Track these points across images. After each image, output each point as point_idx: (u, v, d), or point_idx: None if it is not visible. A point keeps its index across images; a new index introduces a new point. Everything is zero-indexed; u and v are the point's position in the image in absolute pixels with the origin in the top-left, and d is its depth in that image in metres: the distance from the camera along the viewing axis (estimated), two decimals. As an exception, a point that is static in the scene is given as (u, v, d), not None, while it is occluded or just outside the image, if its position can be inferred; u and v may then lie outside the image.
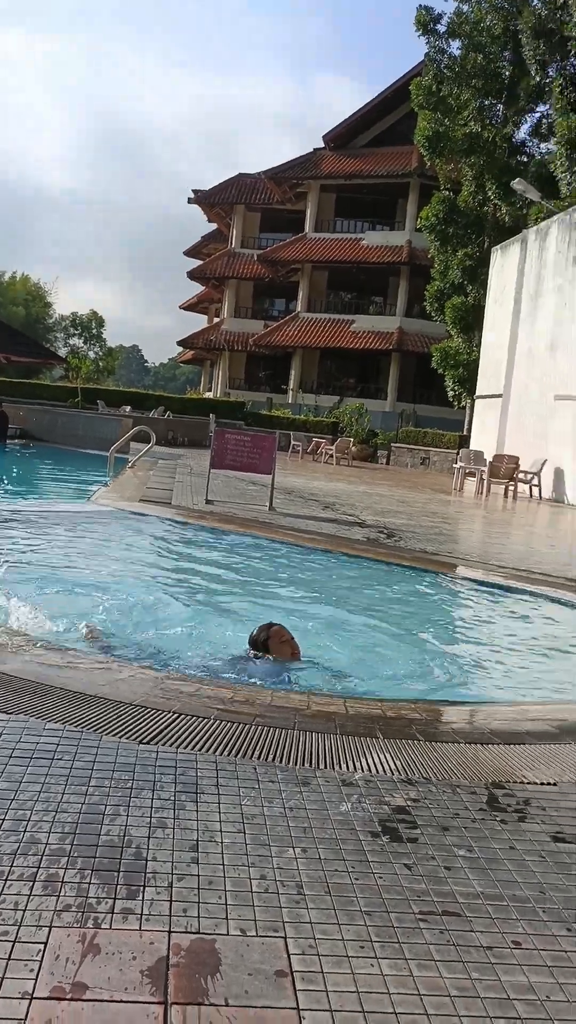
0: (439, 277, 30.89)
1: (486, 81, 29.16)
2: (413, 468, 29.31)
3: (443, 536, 11.17)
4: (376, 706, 3.97)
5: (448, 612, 7.59)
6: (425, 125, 29.66)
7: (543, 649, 6.25)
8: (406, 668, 5.49)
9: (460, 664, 5.79)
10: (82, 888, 2.14)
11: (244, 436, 12.76)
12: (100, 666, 4.01)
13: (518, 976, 1.99)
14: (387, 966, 1.97)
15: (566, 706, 4.44)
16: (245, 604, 6.74)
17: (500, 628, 6.93)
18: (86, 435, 20.99)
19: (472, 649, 6.19)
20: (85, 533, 8.91)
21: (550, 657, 6.08)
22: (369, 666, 5.40)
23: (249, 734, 3.28)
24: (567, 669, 5.80)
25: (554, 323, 20.56)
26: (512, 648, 6.27)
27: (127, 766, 2.86)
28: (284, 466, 20.46)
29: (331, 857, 2.43)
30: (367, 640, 6.02)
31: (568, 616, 7.07)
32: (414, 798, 2.89)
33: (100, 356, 62.04)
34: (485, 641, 6.49)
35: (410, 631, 6.41)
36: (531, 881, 2.43)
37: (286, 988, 1.85)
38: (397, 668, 5.45)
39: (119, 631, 5.46)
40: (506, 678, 5.54)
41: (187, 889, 2.19)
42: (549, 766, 3.34)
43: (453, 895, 2.30)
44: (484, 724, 3.87)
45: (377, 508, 13.65)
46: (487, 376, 25.15)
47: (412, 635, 6.32)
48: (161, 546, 8.87)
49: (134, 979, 1.82)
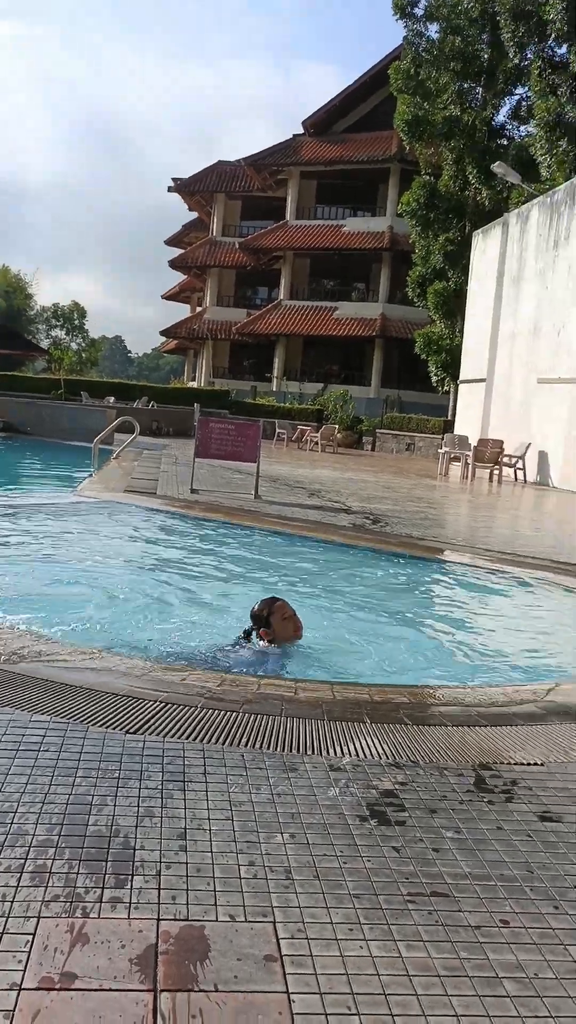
0: (421, 262, 30.85)
1: (464, 64, 29.04)
2: (398, 454, 29.34)
3: (429, 521, 11.19)
4: (363, 691, 3.97)
5: (434, 596, 7.61)
6: (404, 109, 29.56)
7: (529, 631, 6.28)
8: (392, 653, 5.51)
9: (447, 647, 5.81)
10: (70, 878, 2.13)
11: (228, 425, 12.71)
12: (86, 657, 3.99)
13: (506, 954, 2.00)
14: (376, 948, 1.98)
15: (553, 686, 4.46)
16: (231, 592, 6.73)
17: (487, 611, 6.95)
18: (70, 427, 20.86)
19: (459, 632, 6.21)
20: (70, 525, 8.88)
21: (536, 639, 6.11)
22: (355, 651, 5.41)
23: (236, 721, 3.28)
24: (553, 650, 5.82)
25: (536, 306, 20.58)
26: (498, 630, 6.30)
27: (114, 756, 2.86)
28: (269, 454, 20.46)
29: (319, 842, 2.44)
30: (352, 626, 6.03)
31: (554, 598, 7.10)
32: (402, 781, 2.90)
33: (83, 347, 61.79)
34: (472, 624, 6.51)
35: (396, 615, 6.43)
36: (518, 860, 2.44)
37: (275, 972, 1.86)
38: (383, 653, 5.46)
39: (104, 622, 5.45)
40: (493, 660, 5.56)
41: (175, 877, 2.19)
42: (536, 746, 3.36)
43: (441, 876, 2.31)
44: (471, 706, 3.88)
45: (363, 494, 13.66)
46: (470, 361, 25.17)
47: (398, 619, 6.33)
48: (147, 536, 8.85)
49: (123, 967, 1.83)
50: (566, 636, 6.21)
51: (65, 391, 29.24)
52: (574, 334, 18.46)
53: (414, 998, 1.82)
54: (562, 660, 5.53)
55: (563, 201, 19.61)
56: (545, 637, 6.18)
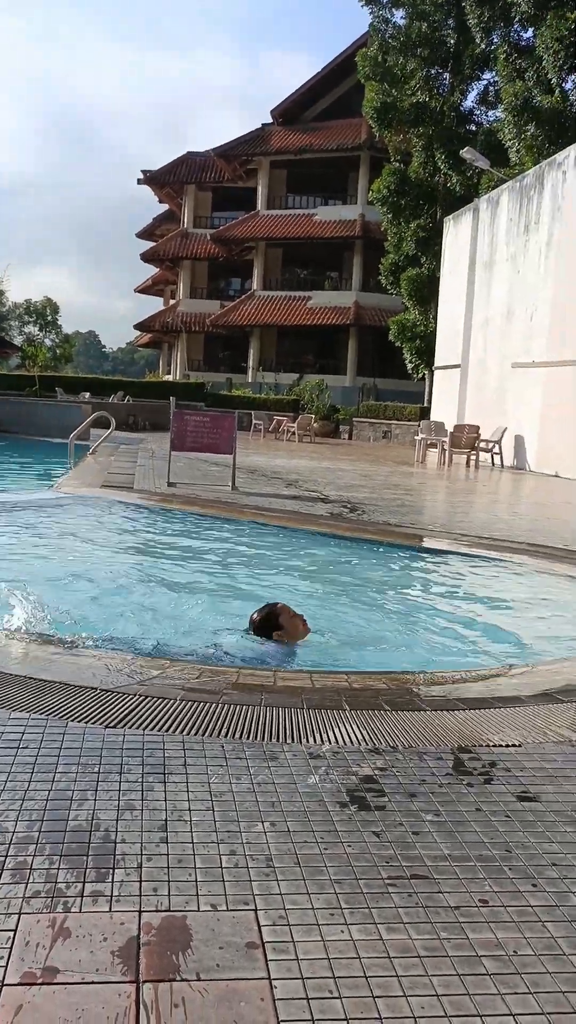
0: (393, 250, 30.86)
1: (431, 50, 29.04)
2: (375, 442, 29.38)
3: (406, 508, 11.23)
4: (342, 679, 3.99)
5: (412, 582, 7.64)
6: (372, 96, 29.51)
7: (507, 614, 6.32)
8: (371, 640, 5.53)
9: (425, 633, 5.84)
10: (51, 873, 2.14)
11: (204, 417, 12.70)
12: (64, 652, 3.99)
13: (485, 933, 2.02)
14: (357, 931, 1.99)
15: (530, 668, 4.50)
16: (208, 585, 6.74)
17: (464, 596, 6.99)
18: (46, 423, 20.76)
19: (437, 617, 6.24)
20: (47, 521, 8.84)
21: (512, 621, 6.15)
22: (335, 640, 5.43)
23: (216, 712, 3.29)
24: (530, 632, 5.87)
25: (509, 291, 20.65)
26: (476, 614, 6.33)
27: (94, 751, 2.86)
28: (246, 445, 20.43)
29: (300, 829, 2.45)
30: (333, 614, 6.05)
31: (531, 580, 7.15)
32: (381, 767, 2.92)
33: (56, 343, 61.34)
34: (450, 609, 6.54)
35: (374, 603, 6.45)
36: (497, 841, 2.47)
37: (257, 959, 1.87)
38: (364, 640, 5.49)
39: (82, 617, 5.44)
40: (471, 644, 5.60)
41: (157, 868, 2.20)
42: (514, 728, 3.39)
43: (421, 859, 2.34)
44: (449, 691, 3.91)
45: (340, 483, 13.69)
46: (445, 347, 25.23)
47: (376, 606, 6.36)
48: (124, 531, 8.83)
49: (105, 960, 1.83)
50: (542, 619, 6.26)
51: (40, 388, 29.07)
52: (547, 318, 18.55)
53: (395, 979, 1.84)
54: (539, 642, 5.57)
55: (532, 185, 19.67)
56: (523, 619, 6.22)
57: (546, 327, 18.55)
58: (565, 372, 17.58)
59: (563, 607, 6.42)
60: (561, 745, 3.23)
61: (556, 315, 18.14)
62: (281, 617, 4.99)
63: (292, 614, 5.03)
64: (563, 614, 6.24)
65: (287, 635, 4.96)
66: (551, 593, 6.84)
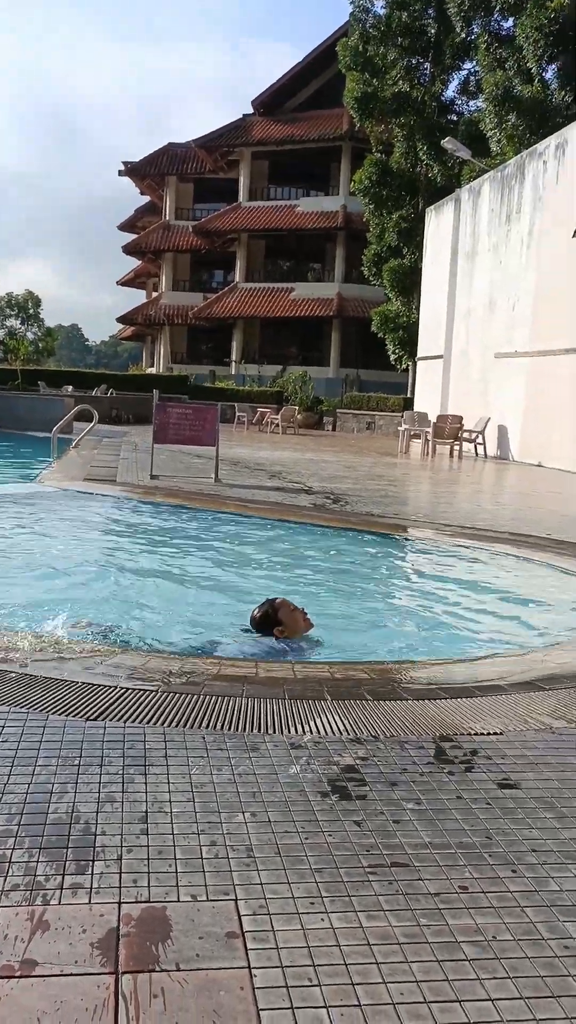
0: (375, 241, 30.83)
1: (412, 39, 28.98)
2: (359, 433, 29.40)
3: (389, 498, 11.25)
4: (324, 669, 4.00)
5: (394, 573, 7.65)
6: (354, 86, 29.41)
7: (490, 603, 6.34)
8: (354, 630, 5.54)
9: (408, 623, 5.85)
10: (30, 867, 2.13)
11: (186, 409, 12.66)
12: (44, 646, 3.97)
13: (465, 919, 2.03)
14: (337, 919, 2.00)
15: (511, 657, 4.51)
16: (192, 576, 6.73)
17: (447, 585, 7.00)
18: (28, 417, 20.62)
19: (420, 607, 6.26)
20: (30, 514, 8.80)
21: (495, 611, 6.17)
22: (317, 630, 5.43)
23: (197, 704, 3.28)
24: (512, 621, 5.89)
25: (490, 281, 20.67)
26: (459, 604, 6.35)
27: (74, 744, 2.85)
28: (230, 437, 20.40)
29: (281, 819, 2.45)
30: (317, 606, 6.05)
31: (513, 570, 7.17)
32: (363, 756, 2.92)
33: (39, 337, 61.01)
34: (433, 599, 6.56)
35: (356, 593, 6.46)
36: (478, 828, 2.47)
37: (237, 948, 1.87)
38: (347, 630, 5.49)
39: (64, 610, 5.42)
40: (453, 633, 5.61)
41: (137, 860, 2.19)
42: (496, 716, 3.40)
43: (402, 847, 2.34)
44: (431, 680, 3.92)
45: (323, 474, 13.69)
46: (428, 337, 25.24)
47: (358, 597, 6.37)
48: (107, 524, 8.80)
49: (84, 952, 1.83)
50: (525, 608, 6.28)
51: (22, 381, 28.91)
52: (529, 308, 18.58)
53: (374, 966, 1.84)
54: (521, 631, 5.59)
55: (514, 175, 19.69)
56: (505, 609, 6.24)
57: (528, 317, 18.59)
58: (547, 362, 17.63)
59: (545, 596, 6.45)
60: (542, 733, 3.24)
61: (538, 305, 18.18)
62: (280, 612, 4.89)
63: (292, 608, 4.93)
64: (545, 603, 6.27)
65: (288, 630, 4.89)
66: (534, 583, 6.86)
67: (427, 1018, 1.69)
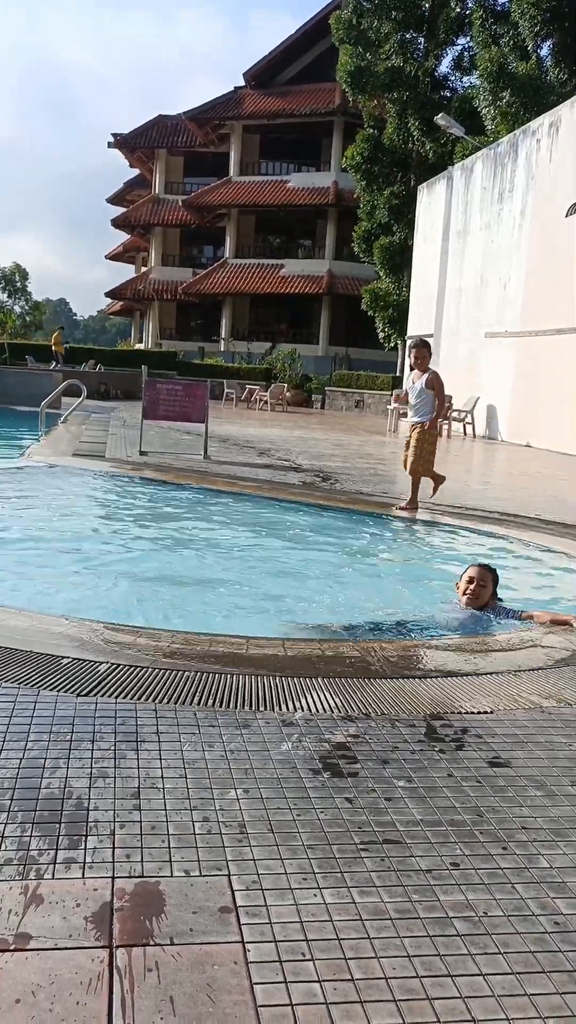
0: (366, 218, 30.62)
1: (406, 13, 28.65)
2: (348, 411, 29.34)
3: (378, 477, 11.24)
4: (315, 646, 4.00)
5: (384, 551, 7.65)
6: (347, 60, 29.09)
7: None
8: (343, 607, 5.54)
9: (397, 601, 5.86)
10: (23, 842, 2.13)
11: (176, 386, 12.59)
12: (35, 621, 3.96)
13: (456, 895, 2.05)
14: (329, 895, 2.01)
15: (499, 637, 4.53)
16: (181, 553, 6.72)
17: (434, 564, 7.02)
18: (15, 392, 20.48)
19: (410, 586, 6.27)
20: (18, 489, 8.76)
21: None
22: (306, 607, 5.44)
23: (189, 680, 3.29)
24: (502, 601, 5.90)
25: (482, 260, 20.59)
26: (447, 583, 6.35)
27: (66, 720, 2.85)
28: (219, 414, 20.31)
29: (273, 796, 2.46)
30: (304, 582, 6.06)
31: (503, 550, 7.19)
32: (354, 734, 2.93)
33: (26, 310, 60.53)
34: (423, 577, 6.57)
35: (344, 572, 6.47)
36: (468, 805, 2.49)
37: (231, 923, 1.88)
38: (335, 607, 5.50)
39: (54, 585, 5.41)
40: (442, 611, 5.62)
41: (130, 836, 2.20)
42: (486, 695, 3.42)
43: (393, 824, 2.36)
44: (422, 659, 3.93)
45: (312, 452, 13.66)
46: (418, 316, 25.16)
47: (347, 575, 6.37)
48: (95, 499, 8.77)
49: (78, 925, 1.84)
50: (514, 588, 6.29)
51: (10, 355, 28.70)
52: (520, 287, 18.53)
53: (367, 941, 1.86)
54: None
55: (507, 154, 19.57)
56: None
57: (519, 297, 18.54)
58: (538, 342, 17.60)
59: (534, 576, 6.47)
60: (532, 712, 3.26)
61: (530, 285, 18.13)
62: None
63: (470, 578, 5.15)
64: (535, 583, 6.29)
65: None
66: (523, 563, 6.88)
67: (419, 992, 1.71)
